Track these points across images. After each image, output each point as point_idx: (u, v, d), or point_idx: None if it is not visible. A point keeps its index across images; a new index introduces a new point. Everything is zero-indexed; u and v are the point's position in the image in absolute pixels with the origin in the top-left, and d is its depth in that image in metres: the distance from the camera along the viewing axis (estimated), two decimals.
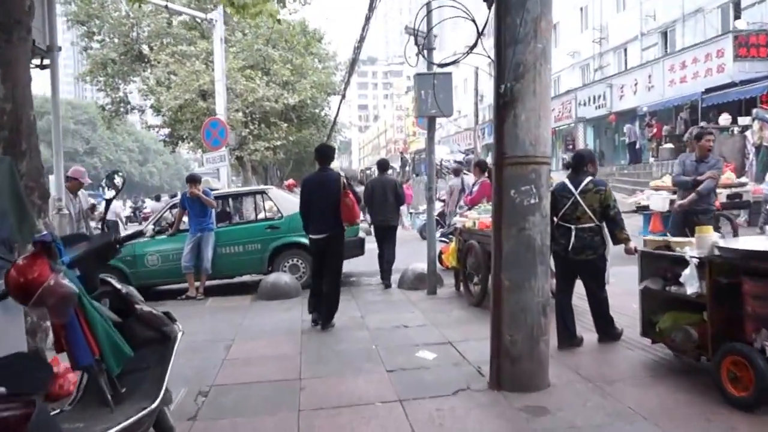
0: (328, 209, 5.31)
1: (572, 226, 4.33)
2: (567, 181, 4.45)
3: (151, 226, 8.13)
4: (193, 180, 7.40)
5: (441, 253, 7.30)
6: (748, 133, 14.07)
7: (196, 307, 6.99)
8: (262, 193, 8.64)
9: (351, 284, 8.18)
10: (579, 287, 4.61)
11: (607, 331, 4.50)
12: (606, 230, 4.41)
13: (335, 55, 24.31)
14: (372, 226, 7.83)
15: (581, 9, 27.03)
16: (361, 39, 12.21)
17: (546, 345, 3.64)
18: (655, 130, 20.55)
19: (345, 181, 5.45)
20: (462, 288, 6.56)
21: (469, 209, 7.20)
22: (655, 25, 21.28)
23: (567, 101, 26.23)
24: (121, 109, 20.62)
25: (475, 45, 4.02)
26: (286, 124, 15.32)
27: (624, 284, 5.24)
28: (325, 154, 5.59)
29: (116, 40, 18.04)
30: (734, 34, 16.23)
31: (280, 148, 17.48)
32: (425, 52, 6.29)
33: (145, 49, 17.58)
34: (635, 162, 20.21)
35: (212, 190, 8.39)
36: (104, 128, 22.01)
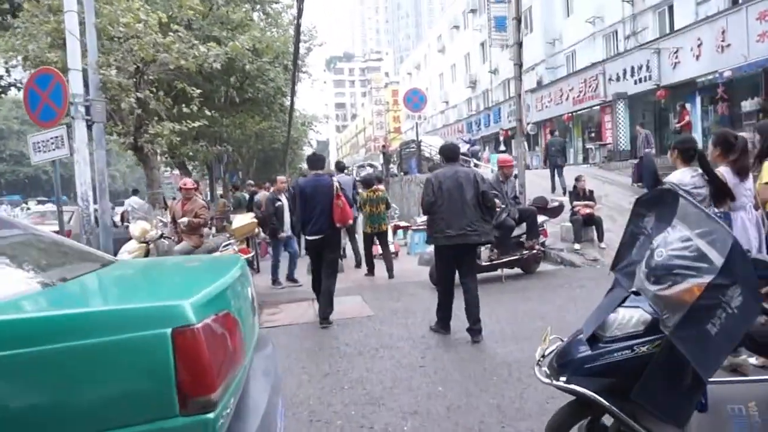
0: (322, 212, 5.71)
1: None
2: None
3: None
4: None
5: None
6: None
7: None
8: None
9: None
10: None
11: None
12: None
13: (293, 19, 18.36)
14: None
15: None
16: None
17: None
18: (686, 119, 15.13)
19: (338, 185, 5.82)
20: None
21: None
22: None
23: (591, 77, 20.78)
24: None
25: None
26: (199, 91, 9.48)
27: None
28: (314, 160, 6.12)
29: None
30: None
31: (205, 134, 11.70)
32: None
33: None
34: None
35: None
36: None
